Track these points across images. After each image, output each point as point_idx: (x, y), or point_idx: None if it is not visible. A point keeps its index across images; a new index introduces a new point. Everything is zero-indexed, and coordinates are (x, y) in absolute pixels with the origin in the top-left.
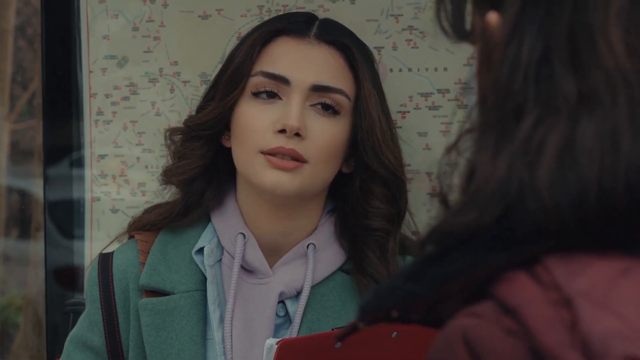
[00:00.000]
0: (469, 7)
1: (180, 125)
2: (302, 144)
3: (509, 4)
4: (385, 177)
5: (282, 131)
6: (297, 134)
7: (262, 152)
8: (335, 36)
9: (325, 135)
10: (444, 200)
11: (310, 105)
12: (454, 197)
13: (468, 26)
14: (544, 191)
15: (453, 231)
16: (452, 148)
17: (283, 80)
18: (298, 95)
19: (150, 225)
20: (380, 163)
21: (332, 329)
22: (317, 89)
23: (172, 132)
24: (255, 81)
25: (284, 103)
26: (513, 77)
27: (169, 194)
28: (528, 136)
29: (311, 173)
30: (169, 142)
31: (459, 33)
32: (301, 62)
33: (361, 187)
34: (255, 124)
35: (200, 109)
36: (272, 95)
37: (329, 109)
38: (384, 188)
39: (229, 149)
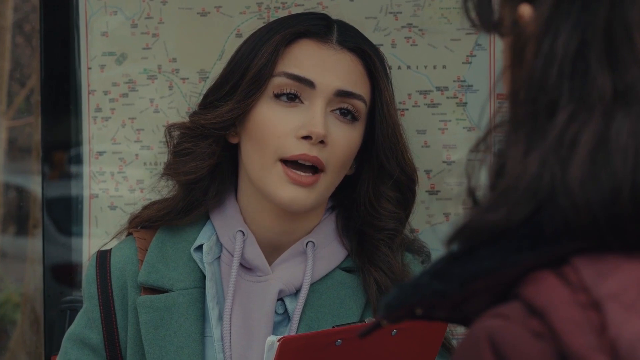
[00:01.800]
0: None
1: (183, 120)
2: (324, 151)
3: None
4: (401, 181)
5: (307, 137)
6: (322, 141)
7: (282, 160)
8: (356, 43)
9: (344, 143)
10: (472, 196)
11: (331, 111)
12: (479, 193)
13: (496, 17)
14: (576, 188)
15: (482, 228)
16: (480, 143)
17: (308, 83)
18: (322, 100)
19: (150, 221)
20: (401, 169)
21: (333, 327)
22: (341, 94)
23: (174, 127)
24: (278, 82)
25: (306, 107)
26: (547, 72)
27: (165, 189)
28: (561, 132)
29: (326, 183)
30: (169, 137)
31: (487, 24)
32: (325, 67)
33: (374, 190)
34: (277, 128)
35: (210, 106)
36: (292, 98)
37: (348, 115)
38: (396, 192)
39: (233, 145)
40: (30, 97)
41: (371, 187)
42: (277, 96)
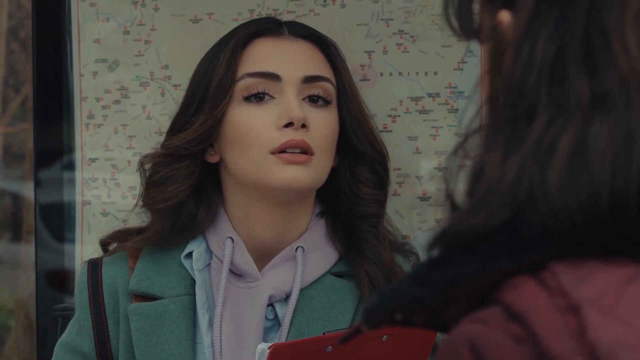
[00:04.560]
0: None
1: (157, 150)
2: (308, 135)
3: (523, 3)
4: (374, 160)
5: (288, 125)
6: (303, 125)
7: (272, 153)
8: (309, 31)
9: (324, 125)
10: (451, 202)
11: (302, 99)
12: (458, 198)
13: (476, 23)
14: (555, 193)
15: (462, 233)
16: (459, 149)
17: (273, 77)
18: (292, 89)
19: (135, 248)
20: (372, 146)
21: (324, 333)
22: (308, 80)
23: (147, 159)
24: (244, 84)
25: (278, 100)
26: (526, 78)
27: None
28: (540, 137)
29: (318, 164)
30: (142, 170)
31: (467, 30)
32: (286, 58)
33: (351, 174)
34: (257, 124)
35: (183, 126)
36: (262, 97)
37: (319, 100)
38: (372, 174)
39: (212, 165)
40: (25, 103)
41: (348, 172)
42: (247, 98)
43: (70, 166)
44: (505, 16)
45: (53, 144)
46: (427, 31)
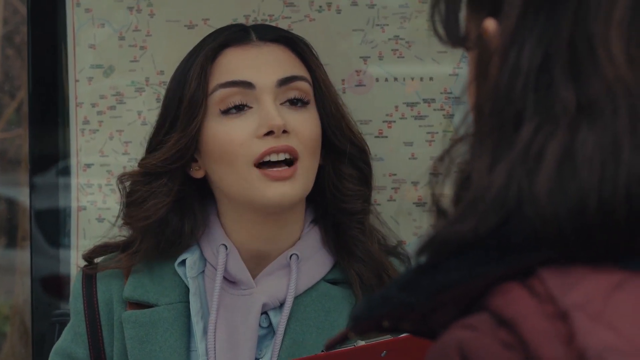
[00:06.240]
0: (463, 13)
1: (134, 169)
2: (290, 140)
3: (508, 11)
4: (355, 156)
5: (269, 133)
6: (284, 131)
7: (256, 165)
8: (277, 33)
9: (306, 126)
10: (437, 208)
11: (280, 104)
12: (445, 205)
13: (463, 32)
14: (543, 199)
15: (450, 240)
16: (444, 156)
17: (247, 85)
18: (268, 96)
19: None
20: (350, 142)
21: (322, 351)
22: (283, 82)
23: (125, 177)
24: (218, 96)
25: (255, 110)
26: (512, 85)
27: None
28: (527, 144)
29: (305, 169)
30: (121, 186)
31: (454, 39)
32: (257, 64)
33: (334, 172)
34: (238, 136)
35: (158, 145)
36: (240, 108)
37: (297, 103)
38: (354, 170)
39: (198, 180)
40: (20, 109)
41: (331, 170)
42: (225, 112)
43: (66, 172)
44: (490, 24)
45: (48, 150)
46: (422, 37)
